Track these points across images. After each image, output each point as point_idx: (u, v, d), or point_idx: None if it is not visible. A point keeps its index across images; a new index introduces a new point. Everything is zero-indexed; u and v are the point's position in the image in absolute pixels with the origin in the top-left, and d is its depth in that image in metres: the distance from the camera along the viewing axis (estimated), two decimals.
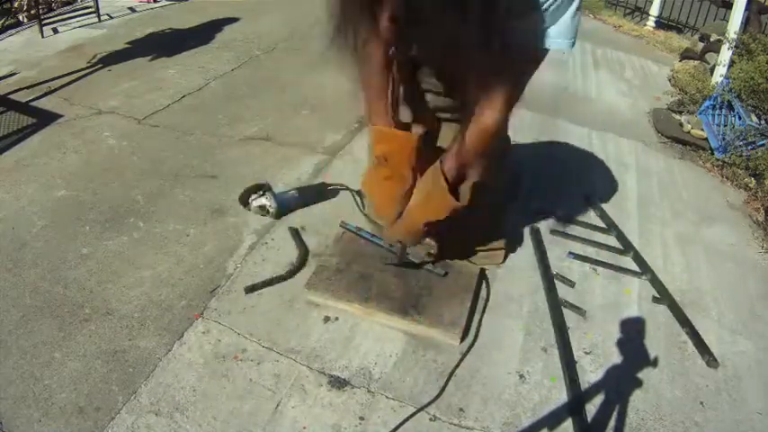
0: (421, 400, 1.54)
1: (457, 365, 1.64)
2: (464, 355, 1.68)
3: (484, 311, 1.84)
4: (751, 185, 2.79)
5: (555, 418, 1.54)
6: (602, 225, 2.34)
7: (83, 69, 3.30)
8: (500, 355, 1.70)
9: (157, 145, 2.61)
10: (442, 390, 1.57)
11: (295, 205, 2.23)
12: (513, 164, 2.12)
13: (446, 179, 1.47)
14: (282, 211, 2.18)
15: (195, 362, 1.60)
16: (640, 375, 1.69)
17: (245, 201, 2.19)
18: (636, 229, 2.37)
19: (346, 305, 1.78)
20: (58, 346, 1.61)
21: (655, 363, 1.74)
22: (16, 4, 4.00)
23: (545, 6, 1.24)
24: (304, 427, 1.45)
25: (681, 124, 3.30)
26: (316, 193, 2.33)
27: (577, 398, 1.57)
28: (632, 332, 1.84)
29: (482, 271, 1.95)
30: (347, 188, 2.36)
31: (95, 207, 2.18)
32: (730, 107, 3.09)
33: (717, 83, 3.49)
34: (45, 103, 2.91)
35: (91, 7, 4.14)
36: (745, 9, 3.61)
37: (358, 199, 2.27)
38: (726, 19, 4.00)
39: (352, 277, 1.84)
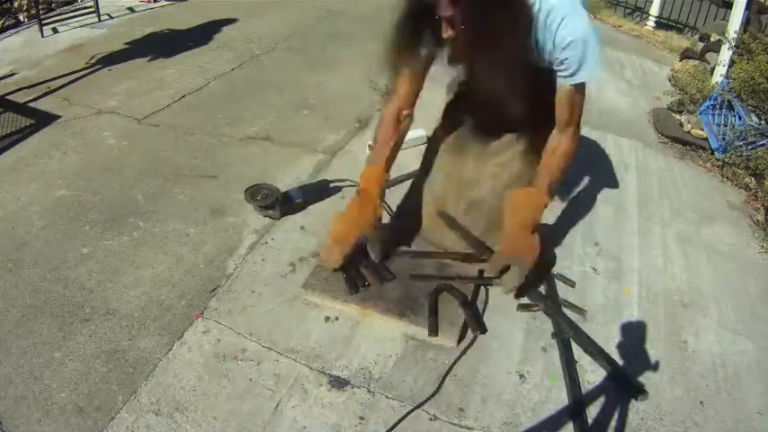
0: (421, 399, 1.54)
1: (453, 363, 1.64)
2: (461, 354, 1.68)
3: (484, 311, 1.84)
4: (751, 185, 2.79)
5: (555, 418, 1.53)
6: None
7: (82, 69, 3.30)
8: (500, 355, 1.70)
9: (157, 145, 2.61)
10: (439, 387, 1.57)
11: (298, 205, 2.23)
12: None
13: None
14: (286, 211, 2.18)
15: (195, 362, 1.60)
16: (640, 375, 1.69)
17: (249, 198, 2.14)
18: (636, 228, 2.37)
19: (343, 306, 1.77)
20: (58, 346, 1.61)
21: (655, 363, 1.74)
22: (16, 4, 4.00)
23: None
24: (304, 427, 1.45)
25: (681, 124, 3.31)
26: (317, 191, 2.32)
27: (577, 398, 1.57)
28: (632, 332, 1.84)
29: (480, 272, 1.94)
30: (351, 183, 2.34)
31: (95, 207, 2.18)
32: (730, 107, 3.08)
33: (717, 83, 3.49)
34: (45, 103, 2.91)
35: (91, 7, 4.15)
36: (746, 9, 3.60)
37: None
38: (726, 19, 3.99)
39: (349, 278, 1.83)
